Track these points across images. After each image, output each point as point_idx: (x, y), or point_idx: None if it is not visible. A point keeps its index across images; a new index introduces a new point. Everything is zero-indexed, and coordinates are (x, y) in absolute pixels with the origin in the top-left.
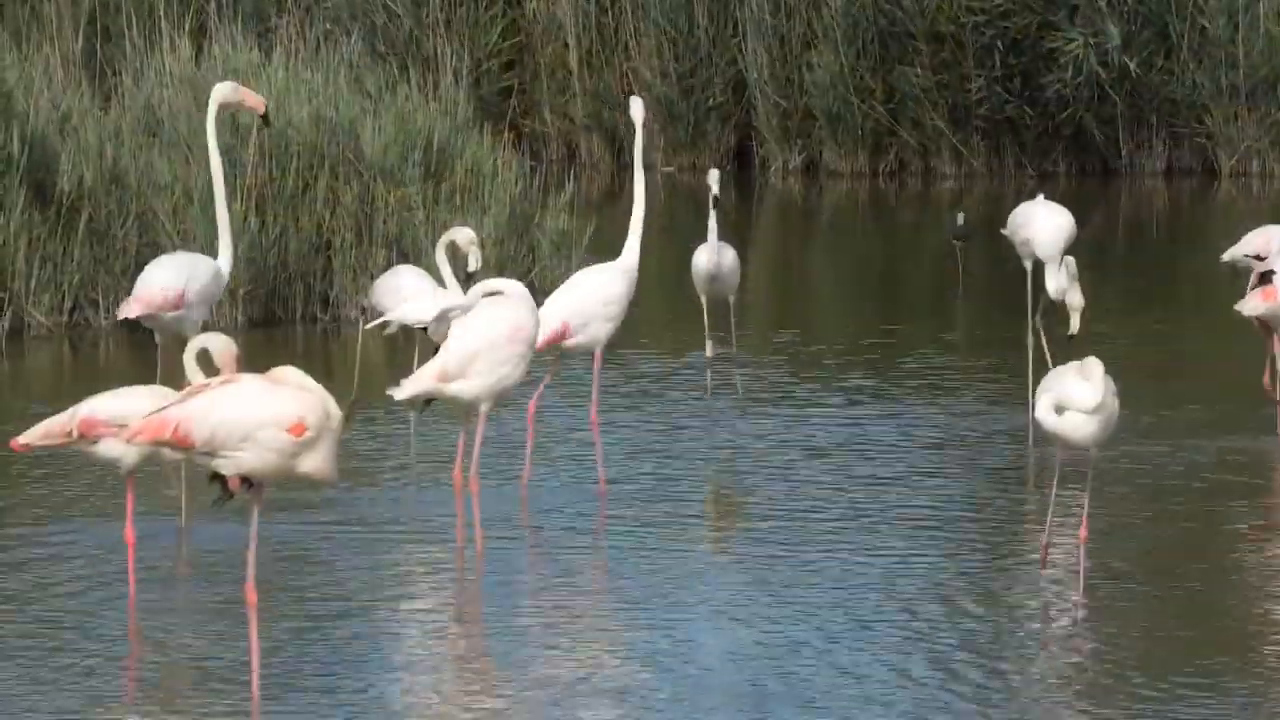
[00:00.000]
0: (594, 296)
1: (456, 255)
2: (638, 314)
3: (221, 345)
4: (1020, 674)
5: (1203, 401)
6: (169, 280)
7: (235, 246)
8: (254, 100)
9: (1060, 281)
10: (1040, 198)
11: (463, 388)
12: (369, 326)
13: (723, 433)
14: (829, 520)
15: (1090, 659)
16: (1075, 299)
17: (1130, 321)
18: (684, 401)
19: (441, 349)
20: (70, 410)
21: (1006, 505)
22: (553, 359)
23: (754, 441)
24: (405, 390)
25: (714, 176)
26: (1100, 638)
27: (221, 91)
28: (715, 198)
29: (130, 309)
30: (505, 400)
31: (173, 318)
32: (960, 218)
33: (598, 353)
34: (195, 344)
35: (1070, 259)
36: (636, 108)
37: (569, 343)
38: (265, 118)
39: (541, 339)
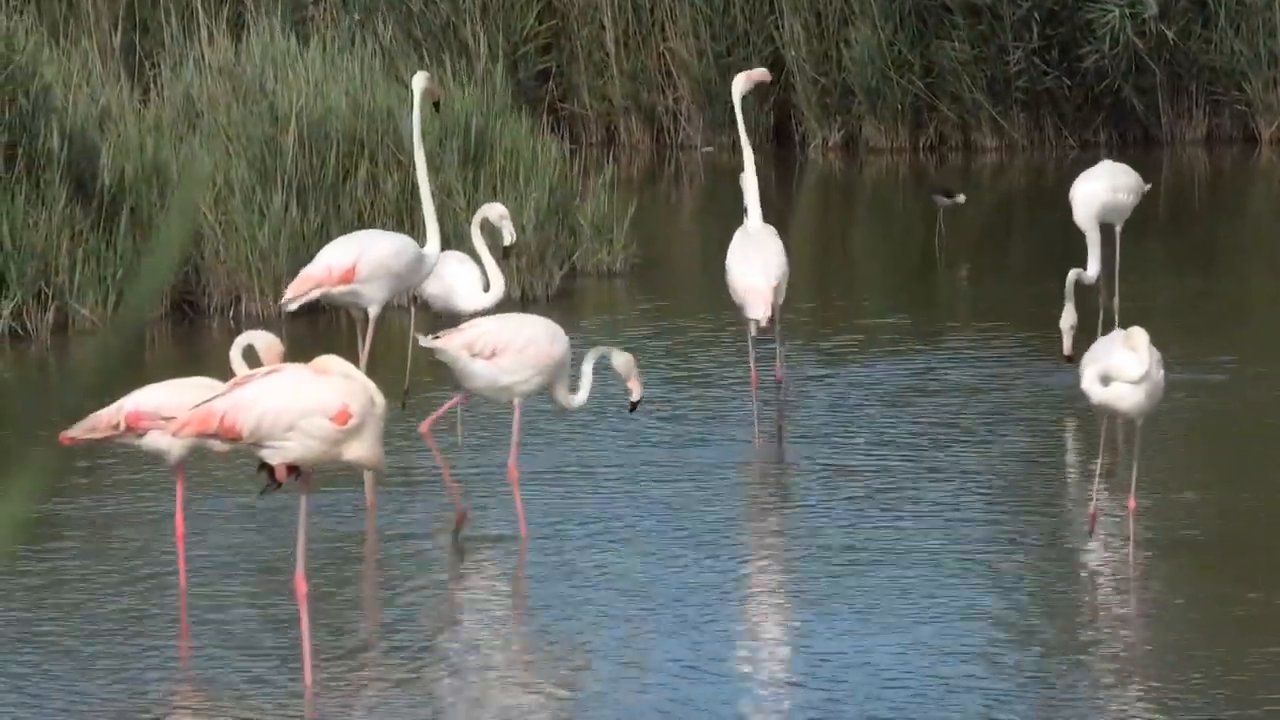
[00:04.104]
0: (784, 260)
1: (492, 233)
2: (679, 291)
3: (267, 341)
4: (1067, 645)
5: (1251, 367)
6: (336, 256)
7: (443, 232)
8: (439, 88)
9: (1094, 266)
10: (1104, 162)
11: (480, 370)
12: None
13: (767, 407)
14: (875, 489)
15: (1138, 630)
16: (1065, 319)
17: (1176, 289)
18: (727, 377)
19: (483, 320)
20: (117, 403)
21: (1056, 472)
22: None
23: (797, 413)
24: (432, 343)
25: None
26: (1149, 607)
27: (421, 81)
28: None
29: (286, 295)
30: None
31: (344, 291)
32: (939, 194)
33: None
34: (241, 340)
35: (1072, 273)
36: (739, 83)
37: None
38: (437, 104)
39: (763, 308)
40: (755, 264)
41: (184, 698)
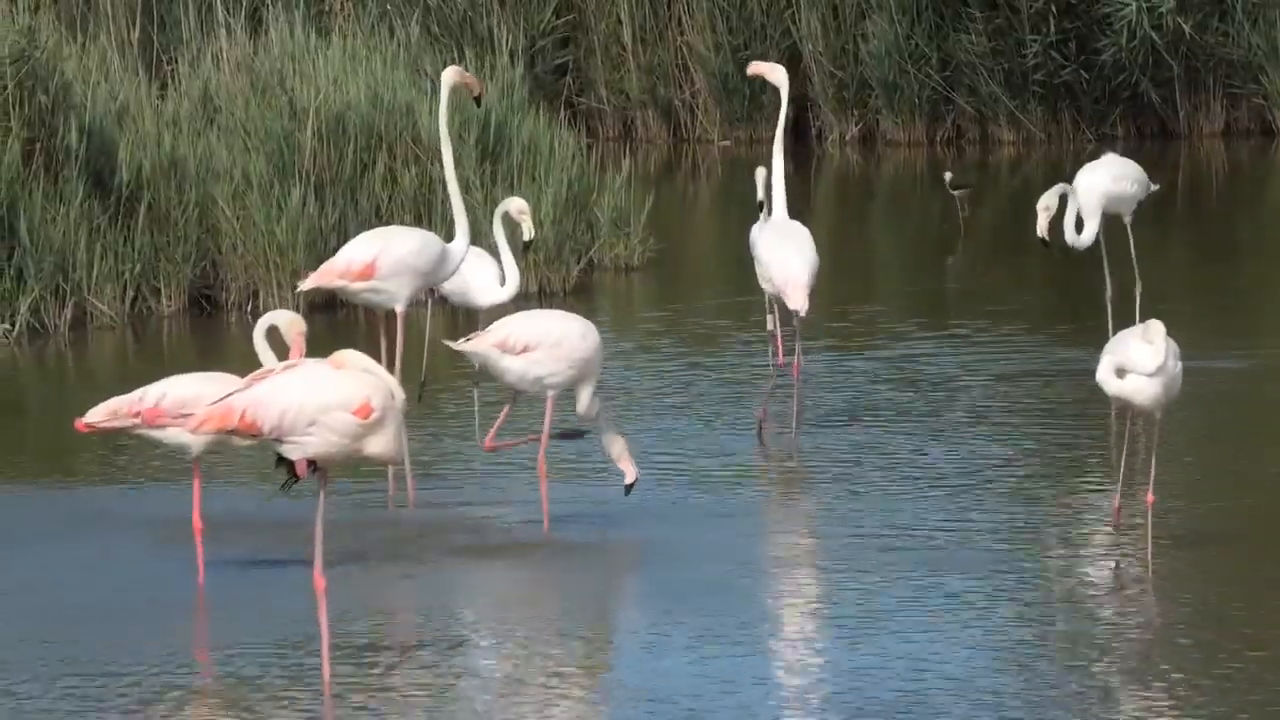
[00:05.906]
0: (815, 252)
1: (512, 228)
2: (697, 284)
3: (289, 319)
4: (1086, 641)
5: (1271, 359)
6: (356, 252)
7: (472, 229)
8: (475, 82)
9: (1089, 234)
10: (1106, 156)
11: (513, 365)
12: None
13: (785, 393)
14: (891, 479)
15: (1160, 625)
16: (1043, 199)
17: (1195, 281)
18: (746, 368)
19: (510, 318)
20: (139, 392)
21: (1078, 465)
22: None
23: (814, 403)
24: (464, 346)
25: (760, 176)
26: (1170, 602)
27: (450, 77)
28: (760, 203)
29: (304, 282)
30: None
31: (365, 288)
32: (948, 176)
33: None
34: (264, 322)
35: (1060, 186)
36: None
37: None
38: (479, 99)
39: (805, 300)
40: (791, 255)
41: (202, 693)
